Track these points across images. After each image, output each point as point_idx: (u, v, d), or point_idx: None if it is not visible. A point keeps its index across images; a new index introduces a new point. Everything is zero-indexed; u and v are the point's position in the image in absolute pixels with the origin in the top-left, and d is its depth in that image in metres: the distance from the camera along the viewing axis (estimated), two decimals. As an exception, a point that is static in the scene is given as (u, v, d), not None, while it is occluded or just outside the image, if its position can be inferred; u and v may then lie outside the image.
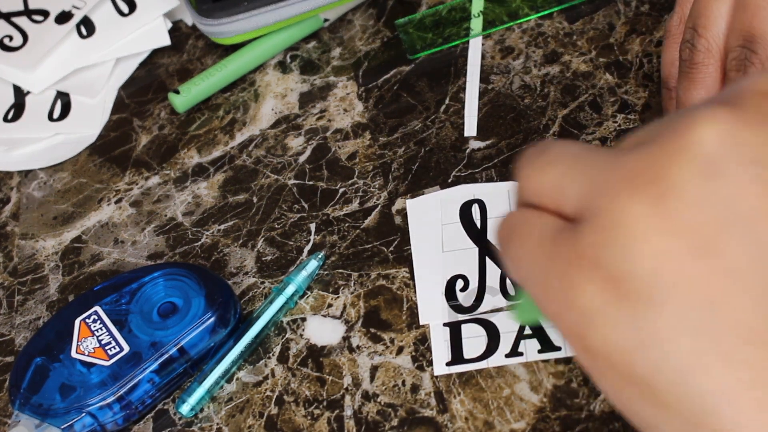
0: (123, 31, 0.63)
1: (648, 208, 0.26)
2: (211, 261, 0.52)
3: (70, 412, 0.45)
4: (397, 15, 0.61)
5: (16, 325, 0.52)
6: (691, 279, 0.26)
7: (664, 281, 0.26)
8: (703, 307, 0.26)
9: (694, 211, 0.26)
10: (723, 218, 0.26)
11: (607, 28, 0.57)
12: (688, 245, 0.26)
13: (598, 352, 0.28)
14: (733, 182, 0.26)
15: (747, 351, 0.26)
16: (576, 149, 0.30)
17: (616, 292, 0.27)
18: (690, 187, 0.26)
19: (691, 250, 0.26)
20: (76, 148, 0.60)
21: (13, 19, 0.64)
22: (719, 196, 0.26)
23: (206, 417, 0.47)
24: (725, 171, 0.26)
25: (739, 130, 0.26)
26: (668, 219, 0.26)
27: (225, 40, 0.60)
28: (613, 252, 0.27)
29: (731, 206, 0.26)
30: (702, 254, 0.26)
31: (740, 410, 0.26)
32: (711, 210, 0.26)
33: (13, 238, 0.57)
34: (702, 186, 0.26)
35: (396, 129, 0.55)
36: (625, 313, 0.27)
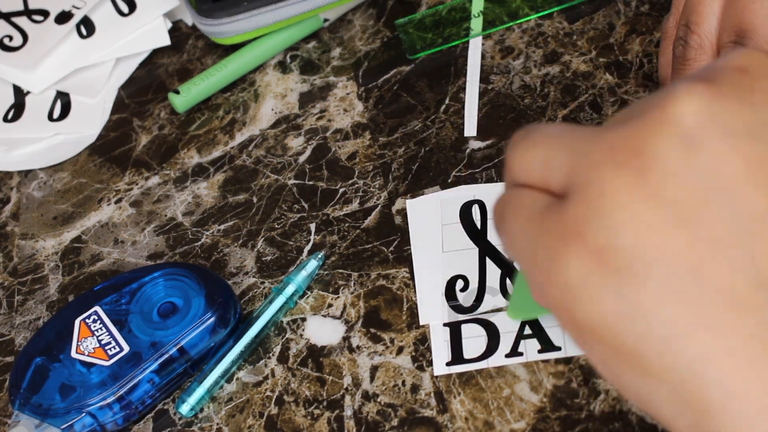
0: (123, 31, 0.63)
1: (630, 181, 0.27)
2: (211, 261, 0.52)
3: (70, 412, 0.45)
4: (397, 15, 0.61)
5: (16, 325, 0.52)
6: (674, 249, 0.26)
7: (647, 252, 0.27)
8: (685, 276, 0.26)
9: (674, 182, 0.27)
10: (703, 188, 0.27)
11: (607, 28, 0.57)
12: (669, 216, 0.27)
13: (584, 325, 0.28)
14: (711, 153, 0.27)
15: (730, 317, 0.26)
16: (560, 128, 0.30)
17: (600, 264, 0.27)
18: (670, 159, 0.27)
19: (673, 220, 0.26)
20: (76, 148, 0.60)
21: (13, 19, 0.64)
22: (698, 167, 0.27)
23: (206, 417, 0.47)
24: (704, 143, 0.27)
25: (716, 104, 0.27)
26: (650, 191, 0.27)
27: (225, 40, 0.60)
28: (597, 225, 0.27)
29: (710, 177, 0.27)
30: (683, 224, 0.26)
31: (725, 374, 0.26)
32: (691, 181, 0.27)
33: (13, 238, 0.57)
34: (682, 158, 0.27)
35: (396, 129, 0.55)
36: (609, 285, 0.27)
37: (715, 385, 0.26)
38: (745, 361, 0.26)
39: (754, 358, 0.26)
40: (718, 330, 0.26)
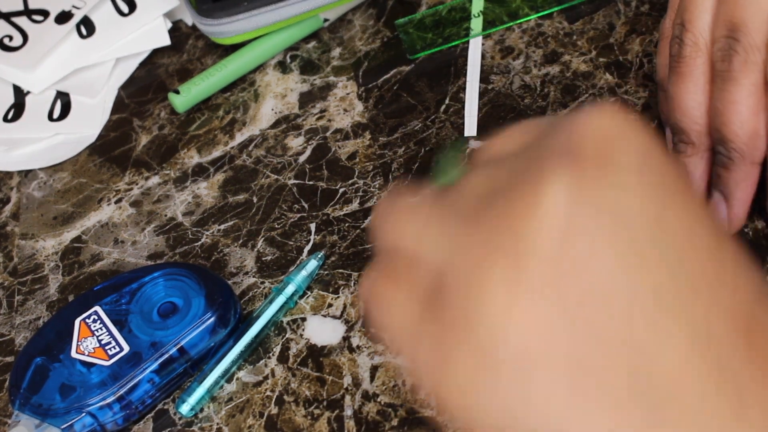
0: (123, 31, 0.63)
1: (508, 274, 0.26)
2: (211, 261, 0.52)
3: (70, 412, 0.45)
4: (397, 15, 0.61)
5: (16, 325, 0.52)
6: (557, 343, 0.26)
7: (530, 348, 0.26)
8: (571, 370, 0.26)
9: (552, 274, 0.26)
10: (580, 277, 0.26)
11: (607, 28, 0.57)
12: (550, 310, 0.26)
13: (478, 423, 0.27)
14: (584, 241, 0.26)
15: (609, 415, 0.26)
16: (428, 207, 0.30)
17: (485, 364, 0.26)
18: (546, 251, 0.26)
19: (553, 314, 0.26)
20: (76, 148, 0.60)
21: (13, 19, 0.64)
22: (573, 257, 0.26)
23: (206, 417, 0.47)
24: (576, 230, 0.26)
25: (582, 182, 0.26)
26: (527, 284, 0.26)
27: (225, 40, 0.60)
28: (479, 324, 0.26)
29: (585, 266, 0.26)
30: (564, 317, 0.26)
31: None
32: (568, 272, 0.26)
33: (13, 238, 0.57)
34: (556, 246, 0.26)
35: (396, 129, 0.55)
36: (497, 385, 0.27)
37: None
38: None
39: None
40: (605, 418, 0.26)
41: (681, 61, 0.45)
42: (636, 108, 0.52)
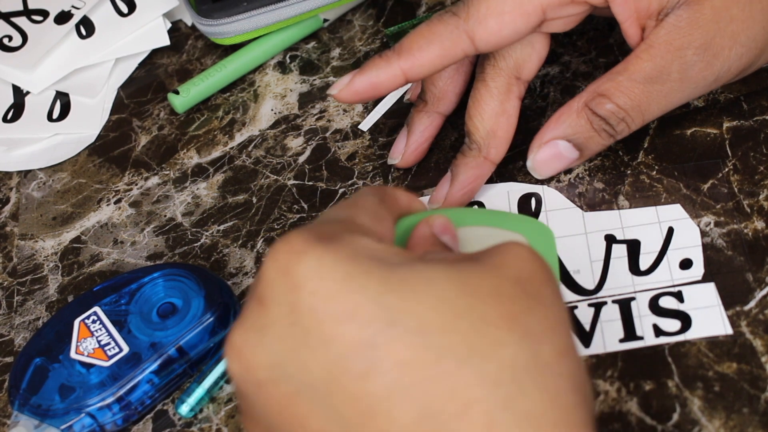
0: (122, 32, 0.63)
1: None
2: (211, 261, 0.52)
3: (69, 412, 0.45)
4: (397, 15, 0.61)
5: (15, 325, 0.52)
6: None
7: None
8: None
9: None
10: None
11: (607, 28, 0.57)
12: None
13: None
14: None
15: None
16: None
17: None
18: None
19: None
20: (75, 148, 0.60)
21: (13, 19, 0.64)
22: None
23: (205, 417, 0.47)
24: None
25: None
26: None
27: (224, 40, 0.60)
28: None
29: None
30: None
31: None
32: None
33: (12, 238, 0.57)
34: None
35: (395, 129, 0.55)
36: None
37: None
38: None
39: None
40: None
41: None
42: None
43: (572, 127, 0.47)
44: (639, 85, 0.45)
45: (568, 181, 0.50)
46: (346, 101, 0.47)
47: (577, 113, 0.46)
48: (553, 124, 0.47)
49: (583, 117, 0.46)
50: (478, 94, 0.49)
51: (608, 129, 0.46)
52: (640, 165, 0.50)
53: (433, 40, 0.46)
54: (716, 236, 0.46)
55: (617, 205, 0.48)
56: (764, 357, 0.42)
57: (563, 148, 0.47)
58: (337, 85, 0.47)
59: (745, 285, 0.44)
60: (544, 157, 0.48)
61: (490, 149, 0.49)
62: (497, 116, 0.48)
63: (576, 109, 0.46)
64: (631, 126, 0.46)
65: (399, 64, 0.46)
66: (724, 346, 0.43)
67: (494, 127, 0.49)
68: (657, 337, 0.43)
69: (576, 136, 0.47)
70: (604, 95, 0.46)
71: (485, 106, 0.48)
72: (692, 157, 0.49)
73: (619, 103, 0.45)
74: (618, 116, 0.46)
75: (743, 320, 0.43)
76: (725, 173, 0.48)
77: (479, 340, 0.29)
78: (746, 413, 0.40)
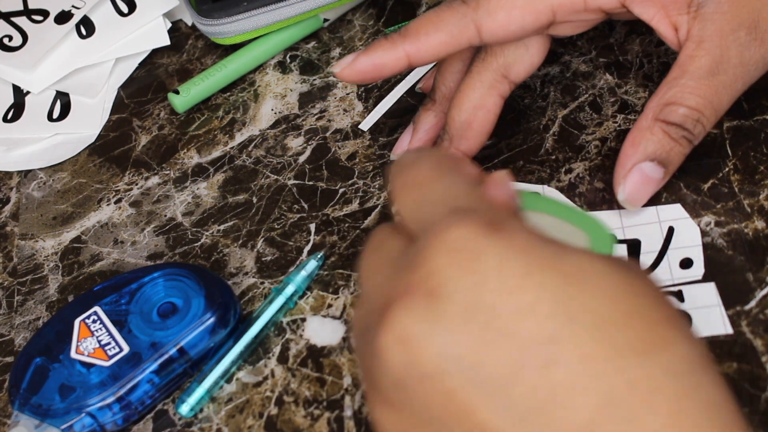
0: (123, 31, 0.63)
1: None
2: (211, 261, 0.52)
3: (69, 412, 0.45)
4: (397, 15, 0.61)
5: (15, 325, 0.52)
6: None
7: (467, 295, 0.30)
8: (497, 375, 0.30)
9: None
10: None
11: (607, 28, 0.57)
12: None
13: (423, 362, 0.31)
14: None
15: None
16: (429, 177, 0.34)
17: (429, 311, 0.31)
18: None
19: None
20: (75, 148, 0.60)
21: (13, 19, 0.64)
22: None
23: (206, 417, 0.47)
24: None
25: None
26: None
27: (225, 40, 0.60)
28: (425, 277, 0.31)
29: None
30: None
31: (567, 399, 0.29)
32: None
33: (12, 238, 0.57)
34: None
35: (395, 129, 0.55)
36: (437, 328, 0.30)
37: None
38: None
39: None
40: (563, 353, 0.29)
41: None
42: (636, 108, 0.52)
43: (651, 144, 0.45)
44: (704, 82, 0.44)
45: (568, 181, 0.50)
46: (347, 80, 0.48)
47: (650, 131, 0.45)
48: (631, 149, 0.46)
49: (658, 132, 0.45)
50: (462, 85, 0.49)
51: (687, 135, 0.45)
52: (641, 165, 0.50)
53: (440, 26, 0.46)
54: (717, 236, 0.46)
55: (617, 205, 0.48)
56: (764, 357, 0.42)
57: (648, 170, 0.46)
58: (340, 63, 0.48)
59: (746, 285, 0.44)
60: (634, 186, 0.46)
61: (462, 140, 0.49)
62: (475, 109, 0.49)
63: (647, 126, 0.45)
64: (707, 125, 0.45)
65: (404, 47, 0.47)
66: (725, 345, 0.43)
67: (470, 119, 0.49)
68: (657, 337, 0.43)
69: (657, 153, 0.45)
70: (673, 102, 0.45)
71: (465, 98, 0.49)
72: (692, 157, 0.49)
73: (691, 105, 0.44)
74: (693, 118, 0.45)
75: (743, 320, 0.43)
76: (726, 173, 0.48)
77: (654, 337, 0.30)
78: (746, 413, 0.40)
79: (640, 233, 0.47)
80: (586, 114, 0.53)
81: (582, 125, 0.53)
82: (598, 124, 0.52)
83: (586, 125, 0.52)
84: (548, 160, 0.51)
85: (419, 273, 0.31)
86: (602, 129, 0.52)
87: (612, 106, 0.53)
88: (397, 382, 0.31)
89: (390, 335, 0.31)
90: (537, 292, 0.30)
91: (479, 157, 0.53)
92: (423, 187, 0.34)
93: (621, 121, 0.52)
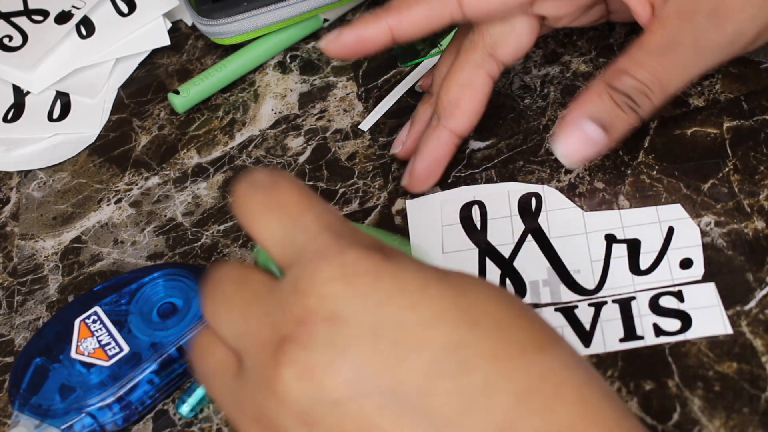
0: (123, 32, 0.63)
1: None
2: (211, 261, 0.52)
3: (69, 412, 0.45)
4: (396, 15, 0.61)
5: (15, 325, 0.52)
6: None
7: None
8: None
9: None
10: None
11: (607, 28, 0.57)
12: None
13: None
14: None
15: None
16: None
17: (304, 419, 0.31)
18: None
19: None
20: (75, 148, 0.60)
21: (13, 19, 0.64)
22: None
23: (206, 417, 0.47)
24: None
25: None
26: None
27: (225, 40, 0.60)
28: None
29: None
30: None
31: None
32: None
33: (12, 238, 0.57)
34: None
35: (396, 129, 0.55)
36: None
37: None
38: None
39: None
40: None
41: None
42: (636, 108, 0.52)
43: (596, 106, 0.46)
44: (655, 57, 0.45)
45: (568, 181, 0.50)
46: (334, 55, 0.49)
47: (598, 93, 0.46)
48: (576, 107, 0.47)
49: (605, 96, 0.46)
50: (451, 67, 0.50)
51: (631, 104, 0.46)
52: (641, 165, 0.50)
53: (421, 0, 0.47)
54: (716, 236, 0.46)
55: (617, 205, 0.48)
56: (764, 357, 0.42)
57: (589, 129, 0.46)
58: (326, 37, 0.49)
59: (746, 285, 0.44)
60: (572, 142, 0.47)
61: (450, 119, 0.50)
62: (462, 87, 0.50)
63: (596, 90, 0.46)
64: (654, 100, 0.46)
65: (387, 20, 0.48)
66: (725, 345, 0.43)
67: (457, 97, 0.50)
68: (657, 337, 0.43)
69: (600, 115, 0.46)
70: (624, 72, 0.46)
71: (452, 78, 0.50)
72: (692, 157, 0.49)
73: (638, 77, 0.45)
74: (638, 89, 0.45)
75: (743, 320, 0.43)
76: (725, 173, 0.48)
77: (542, 335, 0.32)
78: (746, 413, 0.40)
79: (640, 233, 0.47)
80: (586, 114, 0.53)
81: (582, 125, 0.53)
82: (598, 124, 0.52)
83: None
84: (548, 160, 0.51)
85: (309, 302, 0.30)
86: (602, 129, 0.52)
87: (612, 106, 0.53)
88: (305, 419, 0.30)
89: (290, 371, 0.30)
90: (439, 304, 0.31)
91: (479, 157, 0.53)
92: (291, 213, 0.33)
93: (621, 121, 0.52)
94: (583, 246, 0.47)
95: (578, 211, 0.49)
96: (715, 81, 0.52)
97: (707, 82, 0.52)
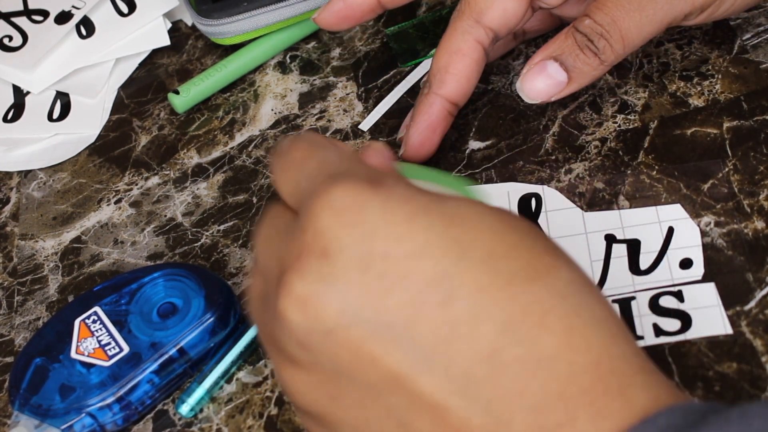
0: (123, 32, 0.63)
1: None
2: (211, 261, 0.52)
3: (69, 412, 0.45)
4: (397, 15, 0.61)
5: (15, 325, 0.52)
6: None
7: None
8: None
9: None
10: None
11: (607, 28, 0.57)
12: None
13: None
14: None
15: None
16: (307, 154, 0.36)
17: (322, 272, 0.32)
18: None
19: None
20: (75, 148, 0.60)
21: (13, 19, 0.65)
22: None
23: (206, 417, 0.47)
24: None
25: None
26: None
27: (225, 40, 0.60)
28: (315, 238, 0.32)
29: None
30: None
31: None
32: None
33: (12, 238, 0.57)
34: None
35: (395, 129, 0.55)
36: (331, 288, 0.32)
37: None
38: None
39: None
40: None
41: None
42: (636, 108, 0.52)
43: (559, 47, 0.48)
44: (615, 1, 0.47)
45: (568, 181, 0.50)
46: (325, 26, 0.51)
47: (564, 35, 0.48)
48: (543, 47, 0.49)
49: (569, 37, 0.48)
50: (442, 37, 0.51)
51: (590, 46, 0.47)
52: (640, 165, 0.50)
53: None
54: (716, 236, 0.46)
55: (617, 205, 0.48)
56: (764, 357, 0.42)
57: (551, 68, 0.48)
58: (318, 11, 0.51)
59: (745, 285, 0.44)
60: (533, 77, 0.48)
61: (440, 84, 0.50)
62: (451, 54, 0.50)
63: (564, 32, 0.48)
64: (612, 44, 0.47)
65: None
66: (724, 345, 0.43)
67: (447, 63, 0.50)
68: (657, 337, 0.43)
69: (563, 55, 0.48)
70: (586, 15, 0.48)
71: (442, 46, 0.50)
72: (692, 157, 0.49)
73: (596, 18, 0.47)
74: (596, 31, 0.47)
75: (743, 320, 0.43)
76: (725, 173, 0.48)
77: (538, 264, 0.32)
78: (746, 413, 0.40)
79: (640, 233, 0.47)
80: (585, 114, 0.53)
81: (582, 125, 0.53)
82: (597, 124, 0.52)
83: (585, 125, 0.52)
84: (548, 160, 0.51)
85: (307, 236, 0.32)
86: (602, 129, 0.52)
87: (612, 106, 0.53)
88: (302, 343, 0.32)
89: (289, 299, 0.32)
90: (425, 235, 0.31)
91: (479, 156, 0.53)
92: (299, 165, 0.35)
93: (621, 121, 0.52)
94: (583, 246, 0.47)
95: (578, 211, 0.49)
96: (715, 81, 0.52)
97: (707, 82, 0.52)
